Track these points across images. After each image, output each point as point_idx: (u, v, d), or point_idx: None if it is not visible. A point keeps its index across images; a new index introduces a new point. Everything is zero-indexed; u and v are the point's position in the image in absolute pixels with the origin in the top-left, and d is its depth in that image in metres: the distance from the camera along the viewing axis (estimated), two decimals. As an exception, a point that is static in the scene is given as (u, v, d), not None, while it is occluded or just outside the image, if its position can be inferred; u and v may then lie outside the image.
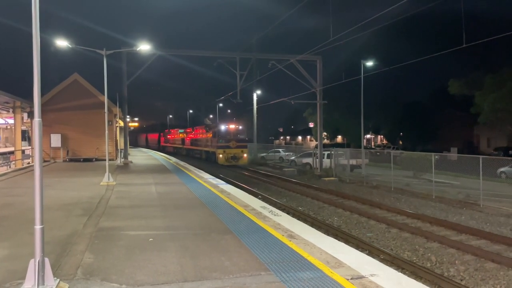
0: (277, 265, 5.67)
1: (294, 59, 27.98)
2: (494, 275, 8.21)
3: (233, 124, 36.87)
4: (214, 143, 36.61)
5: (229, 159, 35.38)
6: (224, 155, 35.30)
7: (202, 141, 41.80)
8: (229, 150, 35.32)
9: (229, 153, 35.35)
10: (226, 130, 36.25)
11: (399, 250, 10.35)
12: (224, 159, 35.31)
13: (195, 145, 44.88)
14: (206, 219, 8.89)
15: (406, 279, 5.26)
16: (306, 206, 16.96)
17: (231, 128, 36.38)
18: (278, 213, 9.60)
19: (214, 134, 37.13)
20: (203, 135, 41.37)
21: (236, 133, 36.32)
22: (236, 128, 36.58)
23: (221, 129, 36.40)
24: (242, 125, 37.35)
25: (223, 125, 36.80)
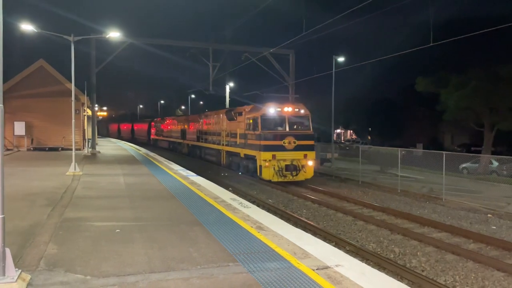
0: (245, 256, 5.72)
1: (267, 52, 28.03)
2: (454, 266, 8.57)
3: (290, 105, 20.03)
4: (251, 140, 20.17)
5: (283, 172, 19.05)
6: (272, 164, 18.95)
7: (222, 136, 24.77)
8: (282, 154, 19.00)
9: (282, 159, 19.06)
10: (276, 116, 19.60)
11: (365, 241, 10.62)
12: (272, 172, 18.94)
13: (207, 141, 28.11)
14: (175, 211, 8.84)
15: (369, 269, 5.42)
16: (276, 198, 17.11)
17: (287, 113, 19.60)
18: (247, 205, 9.66)
19: (253, 123, 20.13)
20: (225, 125, 24.13)
21: (295, 121, 19.96)
22: (296, 112, 19.93)
23: (268, 113, 19.50)
24: (304, 108, 20.33)
25: (272, 107, 19.61)
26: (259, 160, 19.17)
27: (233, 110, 23.21)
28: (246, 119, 20.87)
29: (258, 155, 19.22)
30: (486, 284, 7.59)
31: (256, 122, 19.61)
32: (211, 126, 27.72)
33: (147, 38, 29.42)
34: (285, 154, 18.92)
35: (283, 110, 19.51)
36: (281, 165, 18.99)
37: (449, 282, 7.74)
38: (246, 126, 20.72)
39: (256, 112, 20.05)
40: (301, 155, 19.18)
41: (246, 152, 20.81)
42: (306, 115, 20.07)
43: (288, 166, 19.14)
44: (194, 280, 4.84)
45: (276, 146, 18.86)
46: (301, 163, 19.28)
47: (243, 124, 21.21)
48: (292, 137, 19.04)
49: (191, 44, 29.33)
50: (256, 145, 19.43)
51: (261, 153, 18.96)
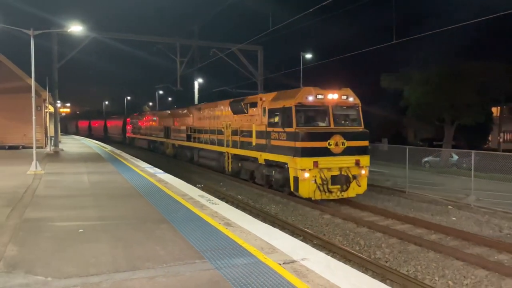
0: (213, 253, 5.71)
1: (235, 47, 27.95)
2: (416, 256, 8.87)
3: (335, 91, 14.25)
4: (278, 140, 14.60)
5: (328, 186, 13.53)
6: (313, 175, 13.36)
7: (224, 134, 19.58)
8: (328, 161, 13.49)
9: (327, 167, 13.53)
10: (317, 106, 14.15)
11: (331, 235, 10.82)
12: (313, 187, 13.42)
13: (202, 141, 22.76)
14: (142, 209, 8.71)
15: (334, 262, 5.54)
16: (245, 194, 17.13)
17: (332, 101, 14.14)
18: (216, 202, 9.63)
19: (281, 116, 14.46)
20: (230, 121, 19.02)
21: (341, 114, 14.68)
22: (343, 100, 14.39)
23: (306, 102, 13.92)
24: (353, 94, 14.67)
25: (312, 93, 13.92)
26: (292, 169, 13.49)
27: (243, 101, 17.71)
28: (267, 112, 15.33)
29: (292, 162, 13.41)
30: (446, 273, 7.90)
31: (287, 115, 13.74)
32: (208, 121, 22.25)
33: (111, 33, 28.67)
34: (331, 160, 13.22)
35: (326, 98, 13.72)
36: (325, 176, 13.20)
37: (411, 272, 8.02)
38: (268, 121, 15.17)
39: (285, 100, 14.08)
40: (352, 161, 13.62)
41: (269, 157, 15.08)
42: (355, 105, 14.39)
43: (336, 177, 13.41)
44: (160, 278, 4.79)
45: (319, 150, 13.16)
46: (352, 173, 13.62)
47: (259, 118, 15.99)
48: (340, 136, 13.34)
49: (158, 39, 28.83)
50: (288, 147, 13.59)
51: (297, 159, 13.07)
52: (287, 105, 14.03)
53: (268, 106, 15.40)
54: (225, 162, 19.95)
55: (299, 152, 13.27)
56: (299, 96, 13.89)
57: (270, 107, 15.31)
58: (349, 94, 14.40)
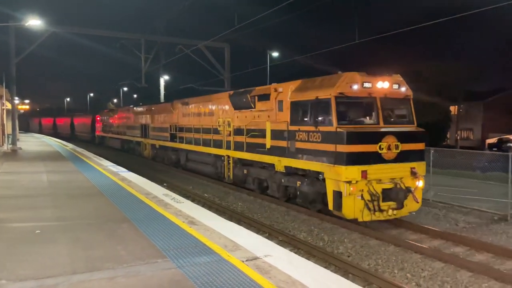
0: (175, 252, 5.65)
1: (202, 44, 27.72)
2: (377, 251, 9.11)
3: (385, 78, 10.97)
4: (309, 142, 11.31)
5: (379, 203, 10.22)
6: (359, 189, 10.01)
7: (223, 134, 16.70)
8: (379, 170, 10.22)
9: (377, 178, 10.24)
10: (362, 98, 10.78)
11: (297, 231, 10.93)
12: (361, 204, 10.03)
13: (191, 141, 19.83)
14: (103, 208, 8.49)
15: (296, 258, 5.61)
16: (212, 192, 17.05)
17: (381, 92, 10.86)
18: (180, 200, 9.53)
19: (314, 111, 11.19)
20: (231, 117, 16.19)
21: (391, 107, 11.55)
22: (394, 90, 11.11)
23: (350, 91, 10.50)
24: (405, 84, 11.37)
25: (357, 80, 10.53)
26: (332, 181, 10.34)
27: (249, 93, 14.54)
28: (289, 106, 12.20)
29: (331, 171, 10.27)
30: (405, 266, 8.16)
31: (324, 109, 10.76)
32: (198, 118, 19.42)
33: (72, 27, 27.73)
34: (382, 168, 10.23)
35: (375, 87, 10.68)
36: (375, 189, 10.16)
37: (372, 266, 8.23)
38: (291, 117, 12.07)
39: (319, 90, 10.96)
40: (407, 169, 10.60)
41: (292, 163, 12.04)
42: (407, 97, 11.43)
43: (389, 191, 10.39)
44: (120, 279, 4.69)
45: (368, 155, 10.12)
46: (405, 185, 10.54)
47: (273, 113, 13.11)
48: (393, 138, 10.38)
49: (121, 34, 28.15)
50: (324, 152, 10.59)
51: (340, 168, 9.97)
52: (323, 96, 10.74)
53: (292, 98, 12.11)
54: (224, 167, 16.70)
55: (343, 159, 9.97)
56: (340, 83, 10.54)
57: (294, 99, 12.02)
58: (401, 82, 11.26)
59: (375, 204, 10.22)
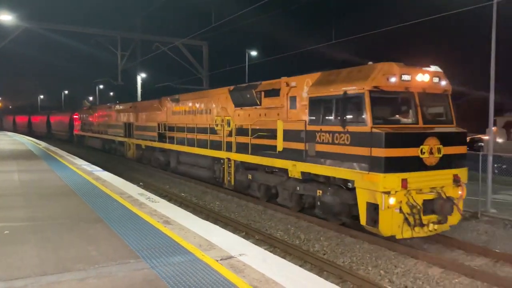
0: (149, 252, 5.58)
1: (179, 42, 27.48)
2: (351, 248, 9.23)
3: (425, 70, 9.52)
4: (333, 144, 9.75)
5: (420, 216, 8.74)
6: (398, 200, 8.53)
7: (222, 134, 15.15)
8: (420, 178, 8.81)
9: (418, 188, 8.80)
10: (399, 92, 9.32)
11: (273, 230, 10.98)
12: (400, 219, 8.56)
13: (182, 141, 18.27)
14: (75, 208, 8.31)
15: (271, 256, 5.62)
16: (189, 192, 16.94)
17: (420, 86, 9.39)
18: (156, 200, 9.43)
19: (341, 107, 9.57)
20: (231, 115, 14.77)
21: (430, 104, 10.01)
22: (434, 84, 9.63)
23: (387, 84, 8.97)
24: (444, 77, 9.85)
25: (394, 71, 9.03)
26: (366, 192, 8.84)
27: (254, 88, 13.16)
28: (307, 102, 10.70)
29: (366, 179, 8.79)
30: (379, 263, 8.30)
31: (356, 105, 9.29)
32: (191, 117, 17.87)
33: (46, 23, 27.02)
34: (423, 176, 8.87)
35: (414, 80, 9.27)
36: (415, 201, 8.75)
37: (347, 263, 8.34)
38: (310, 116, 10.60)
39: (348, 83, 9.46)
40: (449, 176, 9.27)
41: (312, 169, 10.54)
42: (445, 93, 10.00)
43: (430, 203, 8.98)
44: (91, 280, 4.60)
45: (408, 160, 8.72)
46: (446, 194, 9.17)
47: (284, 111, 11.81)
48: (435, 140, 9.02)
49: (96, 31, 27.60)
50: (355, 156, 9.08)
51: (378, 176, 8.50)
52: (354, 90, 9.21)
53: (311, 94, 10.57)
54: (224, 172, 15.10)
55: (381, 165, 8.47)
56: (376, 75, 8.98)
57: (314, 94, 10.46)
58: (441, 76, 9.82)
59: (416, 218, 8.74)
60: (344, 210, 10.17)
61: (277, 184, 12.48)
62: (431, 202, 9.00)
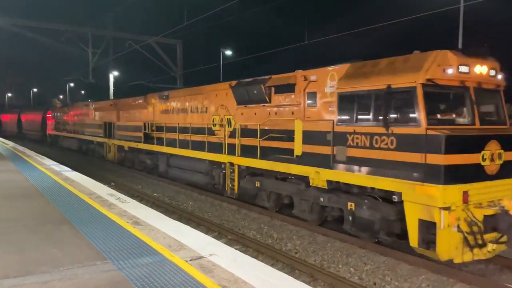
0: (116, 253, 5.47)
1: (152, 40, 27.11)
2: (323, 247, 9.32)
3: (483, 60, 8.02)
4: (379, 146, 8.09)
5: (482, 236, 7.31)
6: (457, 217, 7.15)
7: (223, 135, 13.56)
8: (481, 189, 7.43)
9: (478, 201, 7.43)
10: (456, 87, 7.87)
11: (247, 229, 10.97)
12: (458, 239, 7.20)
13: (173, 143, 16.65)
14: (42, 209, 8.07)
15: (241, 256, 5.61)
16: (162, 192, 16.73)
17: (476, 78, 7.98)
18: (126, 200, 9.27)
19: (391, 102, 8.00)
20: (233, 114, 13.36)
21: (485, 101, 8.50)
22: (491, 78, 8.22)
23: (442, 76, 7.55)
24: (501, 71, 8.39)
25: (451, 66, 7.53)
26: (417, 208, 7.47)
27: (262, 82, 11.79)
28: (336, 98, 9.24)
29: (418, 192, 7.40)
30: (350, 260, 8.41)
31: (405, 101, 7.98)
32: (182, 116, 16.56)
33: (13, 19, 26.10)
34: (485, 187, 7.61)
35: (472, 72, 7.89)
36: (474, 217, 7.42)
37: (318, 261, 8.42)
38: (340, 114, 9.14)
39: (391, 75, 8.04)
40: (510, 187, 7.99)
41: (342, 177, 9.06)
42: (498, 88, 8.70)
43: (491, 219, 7.63)
44: (55, 283, 4.48)
45: (468, 169, 7.43)
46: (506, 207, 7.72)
47: (301, 109, 10.54)
48: (496, 143, 7.75)
49: (66, 27, 26.87)
50: (404, 164, 7.67)
51: (434, 188, 7.17)
52: (402, 83, 7.77)
53: (341, 89, 9.05)
54: (226, 178, 13.43)
55: (439, 175, 7.12)
56: (430, 66, 7.59)
57: (344, 89, 8.94)
58: (497, 68, 8.39)
59: (477, 237, 7.33)
60: (383, 227, 8.55)
61: (293, 194, 10.98)
62: (492, 218, 7.56)
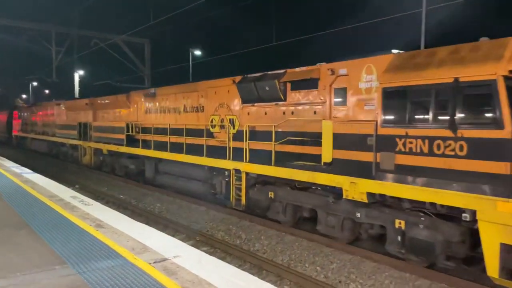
0: (77, 257, 5.32)
1: (119, 39, 26.57)
2: (291, 246, 9.40)
3: None
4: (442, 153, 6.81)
5: None
6: None
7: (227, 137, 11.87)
8: None
9: None
10: None
11: (215, 231, 10.92)
12: None
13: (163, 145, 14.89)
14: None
15: (206, 257, 5.57)
16: (129, 194, 16.40)
17: None
18: (89, 203, 9.02)
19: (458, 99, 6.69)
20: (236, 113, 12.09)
21: None
22: None
23: None
24: None
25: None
26: (500, 230, 6.11)
27: (277, 77, 10.48)
28: (379, 95, 7.91)
29: (504, 210, 6.06)
30: (317, 259, 8.52)
31: (480, 97, 6.78)
32: (174, 116, 15.14)
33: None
34: None
35: None
36: None
37: (286, 261, 8.48)
38: (384, 114, 7.78)
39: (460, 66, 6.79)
40: None
41: (389, 189, 7.67)
42: None
43: None
44: (10, 289, 4.30)
45: None
46: None
47: (326, 108, 9.41)
48: None
49: (28, 24, 25.90)
50: (479, 175, 6.43)
51: None
52: (476, 76, 6.55)
53: (386, 83, 7.67)
54: (230, 187, 11.78)
55: None
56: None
57: (391, 83, 7.59)
58: None
59: None
60: (441, 250, 7.17)
61: (317, 207, 9.50)
62: None
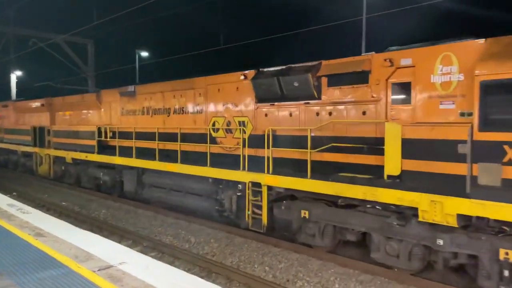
0: (16, 268, 5.06)
1: (60, 38, 25.41)
2: (240, 248, 9.48)
3: None
4: None
5: None
6: None
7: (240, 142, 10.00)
8: None
9: None
10: None
11: (163, 235, 10.76)
12: None
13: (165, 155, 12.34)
14: None
15: (154, 263, 5.51)
16: (72, 200, 15.72)
17: None
18: (28, 211, 8.59)
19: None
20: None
21: None
22: None
23: None
24: None
25: None
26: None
27: (310, 71, 8.75)
28: (478, 90, 6.13)
29: None
30: (265, 259, 8.66)
31: None
32: (161, 118, 13.06)
33: None
34: None
35: None
36: None
37: (235, 262, 8.55)
38: (481, 114, 6.13)
39: None
40: None
41: (493, 212, 5.97)
42: None
43: None
44: None
45: None
46: None
47: (380, 107, 7.87)
48: None
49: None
50: None
51: None
52: None
53: (487, 74, 6.09)
54: (246, 203, 9.76)
55: None
56: None
57: (497, 75, 5.99)
58: None
59: None
60: None
61: (372, 230, 7.66)
62: None
